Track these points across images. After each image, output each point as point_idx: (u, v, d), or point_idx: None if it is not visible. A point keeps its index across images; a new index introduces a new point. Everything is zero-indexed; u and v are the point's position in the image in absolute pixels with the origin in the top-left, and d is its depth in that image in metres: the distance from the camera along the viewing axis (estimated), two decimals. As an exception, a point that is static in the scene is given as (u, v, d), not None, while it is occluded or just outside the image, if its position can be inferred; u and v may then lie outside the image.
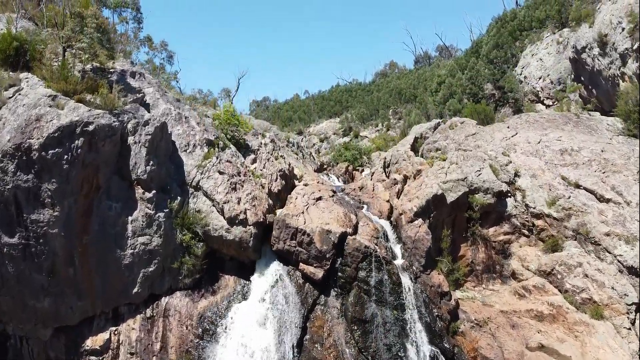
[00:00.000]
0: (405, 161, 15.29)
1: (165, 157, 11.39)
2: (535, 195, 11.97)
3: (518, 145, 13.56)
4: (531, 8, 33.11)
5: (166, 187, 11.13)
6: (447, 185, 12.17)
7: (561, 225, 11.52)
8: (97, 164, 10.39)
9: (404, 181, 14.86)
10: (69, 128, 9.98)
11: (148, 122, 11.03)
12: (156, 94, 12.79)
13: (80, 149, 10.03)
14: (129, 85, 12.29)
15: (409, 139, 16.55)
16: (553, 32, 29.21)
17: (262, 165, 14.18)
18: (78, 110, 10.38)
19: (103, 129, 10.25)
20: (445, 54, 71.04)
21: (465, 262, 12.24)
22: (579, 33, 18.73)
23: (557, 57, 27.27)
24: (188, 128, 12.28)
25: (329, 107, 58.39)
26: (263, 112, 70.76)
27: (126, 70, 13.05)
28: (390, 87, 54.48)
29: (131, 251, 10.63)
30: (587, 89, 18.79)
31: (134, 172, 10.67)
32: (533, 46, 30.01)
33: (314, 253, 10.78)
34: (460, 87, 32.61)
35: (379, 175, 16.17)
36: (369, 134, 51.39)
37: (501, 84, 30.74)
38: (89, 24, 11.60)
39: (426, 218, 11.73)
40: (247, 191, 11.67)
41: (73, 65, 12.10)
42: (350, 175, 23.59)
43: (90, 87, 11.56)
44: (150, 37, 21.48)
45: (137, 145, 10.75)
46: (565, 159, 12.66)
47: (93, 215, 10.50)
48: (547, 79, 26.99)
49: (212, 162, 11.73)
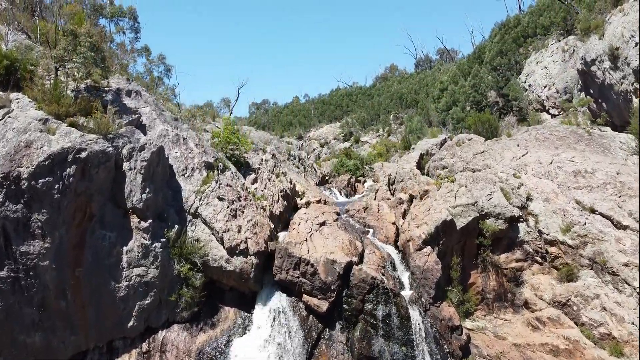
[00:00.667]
0: (411, 180, 14.79)
1: (162, 183, 10.88)
2: (549, 220, 11.46)
3: (529, 165, 13.06)
4: (535, 14, 32.63)
5: (163, 215, 10.61)
6: (456, 210, 11.67)
7: (576, 253, 11.01)
8: (90, 192, 9.87)
9: (409, 201, 14.36)
10: (61, 155, 9.45)
11: (144, 147, 10.51)
12: (153, 113, 12.27)
13: (72, 177, 9.51)
14: (124, 106, 11.77)
15: (415, 155, 16.05)
16: (558, 40, 28.72)
17: (263, 185, 13.67)
18: (70, 135, 9.86)
19: (96, 155, 9.73)
20: (446, 57, 70.70)
21: (476, 290, 11.74)
22: (588, 45, 18.24)
23: (563, 65, 26.79)
24: (186, 150, 11.76)
25: (329, 112, 57.91)
26: (262, 115, 70.24)
27: (122, 88, 12.52)
28: (391, 92, 54.02)
29: (126, 283, 10.11)
30: (597, 102, 18.30)
31: (129, 200, 10.15)
32: (538, 54, 29.51)
33: (318, 284, 10.27)
34: (464, 94, 32.13)
35: (384, 193, 15.67)
36: (369, 139, 50.96)
37: (505, 91, 30.28)
38: (83, 42, 11.08)
39: (435, 245, 11.22)
40: (248, 217, 11.16)
41: (66, 85, 11.59)
42: (353, 187, 23.11)
43: (83, 109, 11.06)
44: (147, 48, 20.99)
45: (133, 172, 10.23)
46: (579, 182, 12.16)
47: (86, 245, 9.97)
48: (552, 88, 26.49)
49: (211, 188, 11.21)
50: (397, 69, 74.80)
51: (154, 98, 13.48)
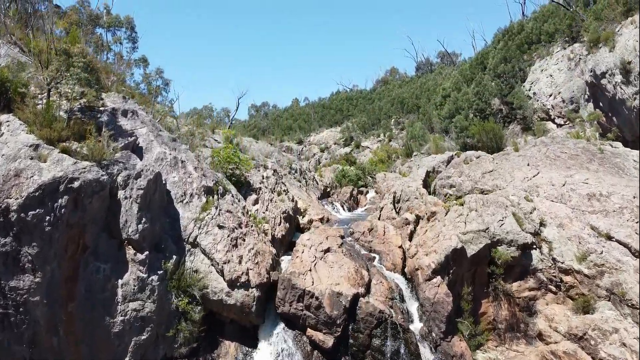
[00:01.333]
0: (417, 199, 14.30)
1: (159, 211, 10.38)
2: (564, 248, 10.97)
3: (541, 187, 12.57)
4: (539, 20, 32.15)
5: (160, 245, 10.11)
6: (466, 237, 11.18)
7: (593, 283, 10.53)
8: (84, 223, 9.37)
9: (416, 221, 13.88)
10: (52, 185, 8.96)
11: (140, 174, 10.01)
12: (150, 135, 11.77)
13: (64, 208, 9.01)
14: (120, 128, 11.27)
15: (421, 173, 15.55)
16: (564, 47, 28.24)
17: (264, 207, 13.18)
18: (62, 163, 9.37)
19: (90, 184, 9.24)
20: (447, 61, 70.28)
21: (487, 320, 11.26)
22: (597, 57, 17.77)
23: (569, 74, 26.32)
24: (185, 175, 11.26)
25: (330, 116, 57.43)
26: (262, 119, 69.75)
27: (117, 108, 12.02)
28: (392, 96, 53.56)
29: (121, 318, 9.60)
30: (607, 115, 17.84)
31: (124, 230, 9.65)
32: (542, 61, 29.03)
33: (323, 318, 9.77)
34: (467, 102, 31.62)
35: (389, 212, 15.17)
36: (370, 145, 50.49)
37: (509, 99, 29.79)
38: (76, 63, 10.58)
39: (445, 275, 10.73)
40: (250, 246, 10.66)
41: (58, 106, 11.09)
42: (355, 200, 22.63)
43: (77, 132, 10.58)
44: (145, 58, 20.51)
45: (128, 201, 9.73)
46: (594, 205, 11.67)
47: (79, 279, 9.47)
48: (558, 97, 26.01)
49: (210, 215, 10.70)
50: (397, 72, 74.43)
51: (151, 117, 12.98)
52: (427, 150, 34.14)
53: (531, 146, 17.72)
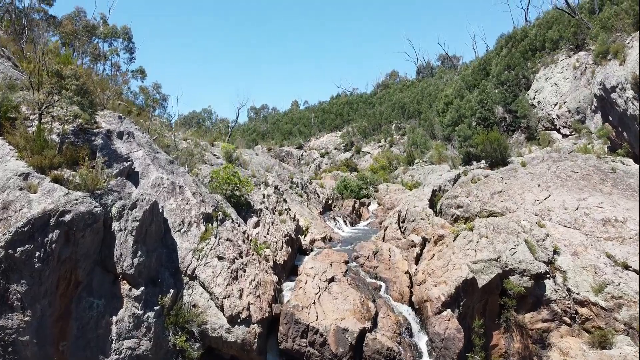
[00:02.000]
0: (423, 221, 13.83)
1: (156, 242, 9.88)
2: (579, 278, 10.50)
3: (553, 211, 12.10)
4: (543, 27, 31.70)
5: (157, 279, 9.62)
6: (477, 266, 10.70)
7: (610, 316, 10.05)
8: (76, 258, 8.87)
9: (422, 244, 13.43)
10: (42, 219, 8.45)
11: (136, 204, 9.51)
12: (146, 158, 11.28)
13: (55, 243, 8.50)
14: (115, 153, 10.78)
15: (427, 192, 15.06)
16: (568, 55, 27.79)
17: (265, 230, 12.69)
18: (53, 194, 8.86)
19: (82, 217, 8.74)
20: (447, 64, 69.89)
21: (498, 352, 10.77)
22: (607, 70, 17.30)
23: (574, 83, 25.88)
24: (182, 201, 10.77)
25: (330, 120, 56.96)
26: (262, 123, 69.29)
27: (112, 130, 11.53)
28: (392, 101, 53.13)
29: (116, 357, 9.10)
30: (617, 130, 17.38)
31: (118, 264, 9.16)
32: (547, 69, 28.59)
33: (328, 356, 9.29)
34: (470, 109, 31.19)
35: (393, 232, 14.70)
36: (371, 150, 50.07)
37: (513, 108, 29.37)
38: (69, 85, 10.08)
39: (455, 307, 10.25)
40: (251, 277, 10.17)
41: (51, 129, 10.59)
42: (358, 213, 22.13)
43: (70, 158, 10.08)
44: (143, 70, 20.03)
45: (123, 234, 9.24)
46: (609, 232, 11.20)
47: (72, 317, 8.96)
48: (563, 107, 25.58)
49: (209, 245, 10.21)
50: (397, 75, 74.04)
51: (147, 138, 12.48)
52: (429, 158, 33.71)
53: (539, 161, 17.25)
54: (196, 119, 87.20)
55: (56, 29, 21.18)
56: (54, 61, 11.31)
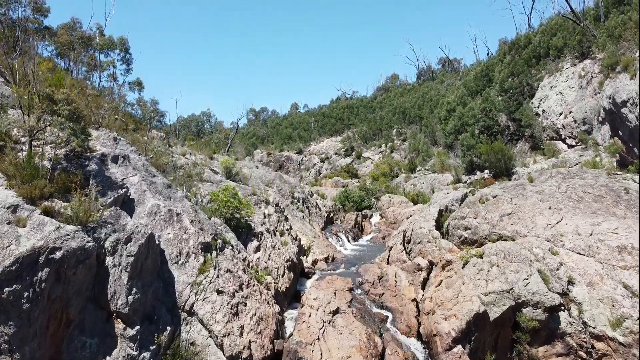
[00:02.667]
0: (430, 243, 13.36)
1: (152, 276, 9.40)
2: (595, 311, 10.03)
3: (566, 236, 11.63)
4: (546, 33, 31.25)
5: (153, 316, 9.13)
6: (489, 298, 10.23)
7: (629, 352, 9.58)
8: (68, 297, 8.39)
9: (429, 267, 12.97)
10: (31, 257, 7.96)
11: (130, 237, 9.03)
12: (142, 184, 10.80)
13: (45, 282, 8.02)
14: (109, 179, 10.29)
15: (433, 212, 14.59)
16: (573, 64, 27.34)
17: (266, 256, 12.22)
18: (43, 229, 8.38)
19: (74, 254, 8.25)
20: (448, 67, 69.45)
21: (510, 388, 10.31)
22: (617, 84, 16.84)
23: (580, 92, 25.44)
24: (180, 230, 10.29)
25: (330, 125, 56.48)
26: (261, 127, 68.80)
27: (107, 154, 11.05)
28: (393, 105, 52.65)
29: (110, 400, 8.63)
30: (627, 145, 16.92)
31: (112, 302, 8.68)
32: (552, 77, 28.13)
33: (333, 397, 8.82)
34: (473, 117, 30.74)
35: (399, 254, 14.24)
36: (371, 155, 49.62)
37: (517, 116, 28.92)
38: (61, 111, 9.59)
39: (466, 342, 9.78)
40: (252, 311, 9.69)
41: (42, 154, 10.10)
42: (360, 227, 21.67)
43: (62, 186, 9.61)
44: (140, 82, 19.50)
45: (117, 269, 8.76)
46: (625, 260, 10.74)
47: (63, 358, 8.47)
48: (569, 117, 25.12)
49: (208, 278, 9.73)
50: (398, 78, 73.61)
51: (143, 160, 11.99)
52: (431, 166, 33.25)
53: (547, 177, 16.80)
54: (195, 122, 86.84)
55: (51, 39, 20.68)
56: (45, 82, 10.81)
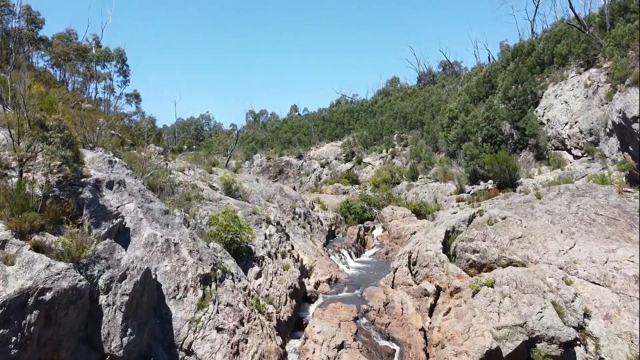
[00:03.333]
0: (437, 267, 12.91)
1: (148, 313, 8.93)
2: (613, 347, 9.58)
3: (580, 264, 11.18)
4: (550, 40, 30.79)
5: (149, 357, 8.66)
6: (501, 333, 9.77)
7: (649, 392, 9.13)
8: (58, 339, 7.91)
9: (436, 293, 12.53)
10: (19, 299, 7.48)
11: (125, 274, 8.56)
12: (138, 212, 10.33)
13: (34, 325, 7.54)
14: (103, 209, 9.82)
15: (439, 233, 14.13)
16: (579, 72, 26.89)
17: (268, 282, 11.76)
18: (32, 267, 7.91)
19: (65, 294, 7.78)
20: (449, 70, 69.00)
21: None
22: (628, 98, 16.41)
23: (586, 102, 24.99)
24: (178, 262, 9.81)
25: (330, 129, 56.01)
26: (261, 130, 68.31)
27: (102, 179, 10.58)
28: (394, 110, 52.18)
29: None
30: (638, 161, 16.49)
31: (106, 344, 8.20)
32: (556, 86, 27.67)
33: None
34: (476, 125, 30.28)
35: (404, 277, 13.77)
36: (372, 161, 49.17)
37: (521, 125, 28.46)
38: (53, 138, 9.12)
39: (478, 381, 9.32)
40: (253, 348, 9.23)
41: (33, 181, 9.63)
42: (362, 241, 21.21)
43: (54, 217, 9.16)
44: (137, 94, 19.00)
45: (111, 309, 8.29)
46: (643, 290, 10.28)
47: (53, 403, 8.03)
48: (575, 127, 24.68)
49: (208, 314, 9.26)
50: (398, 81, 73.17)
51: (140, 184, 11.51)
52: (433, 175, 32.79)
53: (555, 194, 16.35)
54: (194, 125, 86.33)
55: (47, 49, 20.19)
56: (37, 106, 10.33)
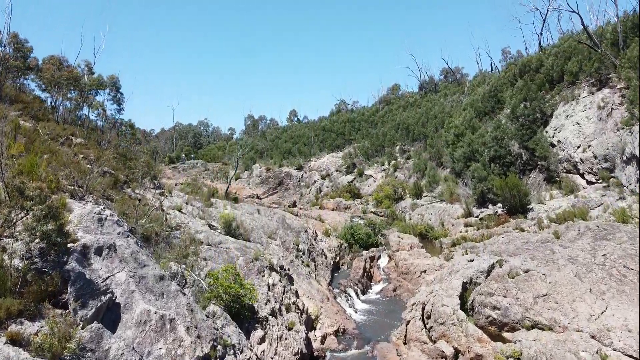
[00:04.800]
0: (455, 327, 11.94)
1: (140, 410, 7.96)
2: None
3: (614, 332, 10.23)
4: (559, 57, 29.85)
5: None
6: (534, 421, 8.81)
7: None
8: None
9: (454, 356, 11.55)
10: (-11, 413, 6.52)
11: (114, 370, 7.58)
12: (130, 282, 9.33)
13: None
14: (91, 283, 8.81)
15: (456, 285, 13.15)
16: (591, 92, 25.97)
17: (272, 349, 10.81)
18: (6, 369, 6.92)
19: (43, 402, 6.80)
20: (451, 77, 68.14)
21: None
22: (651, 133, 15.50)
23: (600, 125, 24.07)
24: (174, 343, 8.81)
25: (331, 140, 55.03)
26: (260, 139, 67.28)
27: (90, 245, 9.58)
28: (396, 121, 51.23)
29: None
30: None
31: None
32: (567, 106, 26.76)
33: None
34: (483, 145, 29.35)
35: (417, 332, 12.81)
36: (374, 173, 48.26)
37: (530, 145, 27.52)
38: (34, 210, 8.13)
39: None
40: None
41: (13, 252, 8.64)
42: (369, 275, 20.26)
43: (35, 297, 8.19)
44: (132, 124, 17.99)
45: (97, 414, 7.30)
46: (687, 367, 9.33)
47: None
48: (588, 151, 23.74)
49: (207, 408, 8.28)
50: (399, 88, 72.33)
51: (133, 246, 10.50)
52: (439, 195, 31.86)
53: (576, 234, 15.45)
54: (192, 132, 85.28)
55: (36, 75, 19.21)
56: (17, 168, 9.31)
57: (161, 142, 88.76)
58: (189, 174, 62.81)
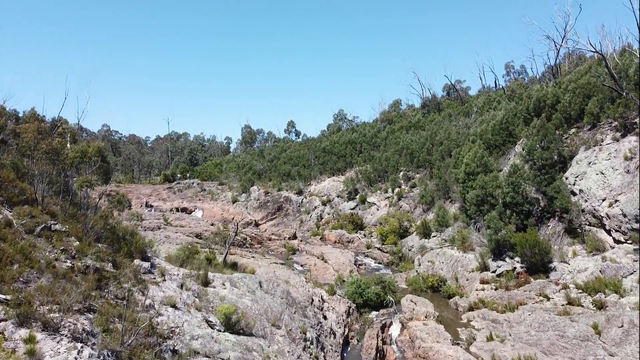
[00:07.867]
0: None
1: None
2: None
3: None
4: (578, 95, 28.16)
5: None
6: None
7: None
8: None
9: None
10: None
11: None
12: None
13: None
14: None
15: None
16: (615, 138, 24.29)
17: None
18: None
19: None
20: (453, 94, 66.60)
21: None
22: None
23: (627, 178, 22.36)
24: None
25: (332, 163, 53.19)
26: (258, 159, 65.40)
27: None
28: (399, 144, 49.51)
29: None
30: None
31: None
32: (589, 152, 25.06)
33: None
34: (498, 188, 27.65)
35: None
36: (377, 200, 46.61)
37: (549, 192, 25.82)
38: None
39: None
40: None
41: None
42: (382, 354, 18.50)
43: None
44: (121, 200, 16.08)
45: None
46: None
47: None
48: (615, 207, 22.03)
49: None
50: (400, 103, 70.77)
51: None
52: (449, 239, 30.15)
53: (621, 335, 13.74)
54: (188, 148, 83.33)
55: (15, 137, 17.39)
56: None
57: (156, 156, 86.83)
58: (184, 196, 60.92)
